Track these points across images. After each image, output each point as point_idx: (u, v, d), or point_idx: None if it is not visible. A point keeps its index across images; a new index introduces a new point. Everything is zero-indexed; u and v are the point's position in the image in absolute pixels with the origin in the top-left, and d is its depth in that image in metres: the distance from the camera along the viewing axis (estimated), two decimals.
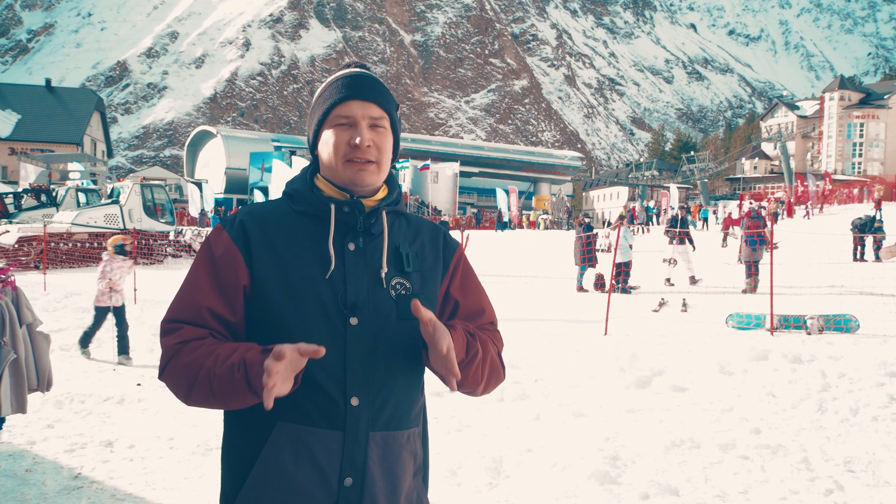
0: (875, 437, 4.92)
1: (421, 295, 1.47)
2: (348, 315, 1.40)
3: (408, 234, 1.54)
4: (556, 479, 4.17)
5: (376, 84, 1.49)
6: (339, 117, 1.45)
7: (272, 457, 1.38)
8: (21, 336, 4.22)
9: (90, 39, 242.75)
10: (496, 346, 1.56)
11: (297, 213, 1.47)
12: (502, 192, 46.08)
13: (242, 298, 1.42)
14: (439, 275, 1.54)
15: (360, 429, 1.40)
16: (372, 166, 1.45)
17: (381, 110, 1.47)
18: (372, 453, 1.41)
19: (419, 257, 1.52)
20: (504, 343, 1.62)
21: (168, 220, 24.07)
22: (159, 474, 4.39)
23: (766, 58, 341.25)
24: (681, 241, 15.02)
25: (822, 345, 8.14)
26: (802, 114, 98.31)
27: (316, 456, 1.38)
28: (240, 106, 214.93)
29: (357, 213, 1.46)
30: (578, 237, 15.31)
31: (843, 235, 17.06)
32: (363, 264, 1.44)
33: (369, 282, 1.44)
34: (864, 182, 61.41)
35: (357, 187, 1.46)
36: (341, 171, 1.45)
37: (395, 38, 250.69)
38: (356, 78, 1.48)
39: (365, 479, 1.39)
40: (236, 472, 1.43)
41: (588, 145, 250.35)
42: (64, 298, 13.07)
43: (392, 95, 1.53)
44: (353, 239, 1.45)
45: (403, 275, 1.48)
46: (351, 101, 1.45)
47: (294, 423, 1.38)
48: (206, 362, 1.33)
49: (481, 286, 1.64)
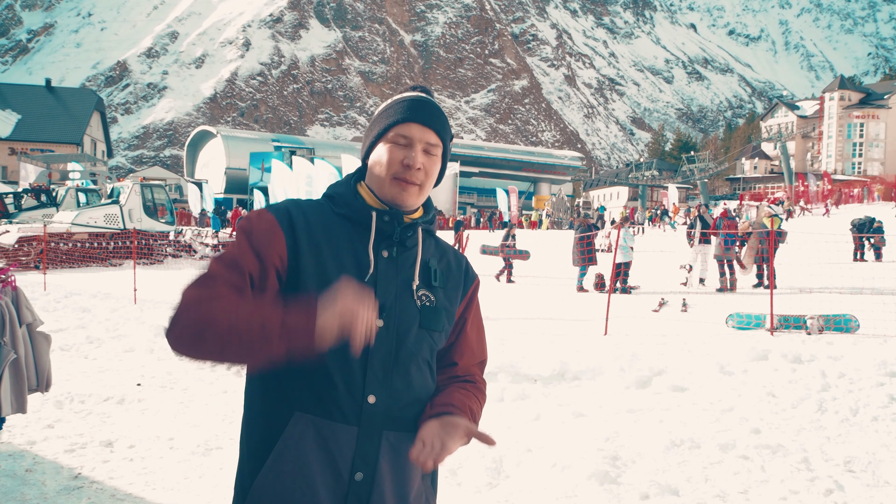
0: (875, 437, 4.92)
1: (443, 310, 1.56)
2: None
3: (436, 253, 1.62)
4: (556, 479, 4.17)
5: (439, 112, 1.56)
6: (398, 136, 1.51)
7: (289, 444, 1.42)
8: (21, 336, 4.22)
9: (90, 39, 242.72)
10: (481, 406, 1.64)
11: (338, 215, 1.53)
12: (502, 192, 46.11)
13: (275, 274, 1.43)
14: (459, 297, 1.63)
15: (375, 426, 1.45)
16: (415, 188, 1.52)
17: (438, 138, 1.54)
18: (384, 451, 1.45)
19: (445, 276, 1.60)
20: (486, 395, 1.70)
21: (168, 220, 24.07)
22: (159, 474, 4.39)
23: (766, 58, 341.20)
24: (706, 241, 14.95)
25: (822, 345, 8.14)
26: (802, 114, 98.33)
27: (330, 448, 1.42)
28: (240, 106, 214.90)
29: (396, 224, 1.52)
30: (579, 237, 15.30)
31: (844, 235, 17.06)
32: (394, 272, 1.51)
33: (398, 288, 1.51)
34: (864, 182, 61.43)
35: (398, 205, 1.53)
36: (387, 187, 1.52)
37: (395, 38, 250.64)
38: (423, 103, 1.55)
39: (375, 476, 1.44)
40: (254, 456, 1.47)
41: (588, 145, 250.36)
42: (64, 298, 13.07)
43: (449, 126, 1.59)
44: (387, 247, 1.52)
45: (430, 288, 1.56)
46: (412, 124, 1.51)
47: (312, 414, 1.42)
48: (239, 304, 1.31)
49: (482, 323, 1.74)
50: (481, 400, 1.65)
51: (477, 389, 1.65)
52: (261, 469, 1.44)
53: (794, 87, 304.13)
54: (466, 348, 1.67)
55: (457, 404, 1.54)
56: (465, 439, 1.47)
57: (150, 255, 21.96)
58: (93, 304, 12.37)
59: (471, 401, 1.60)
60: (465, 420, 1.49)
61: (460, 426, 1.46)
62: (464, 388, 1.62)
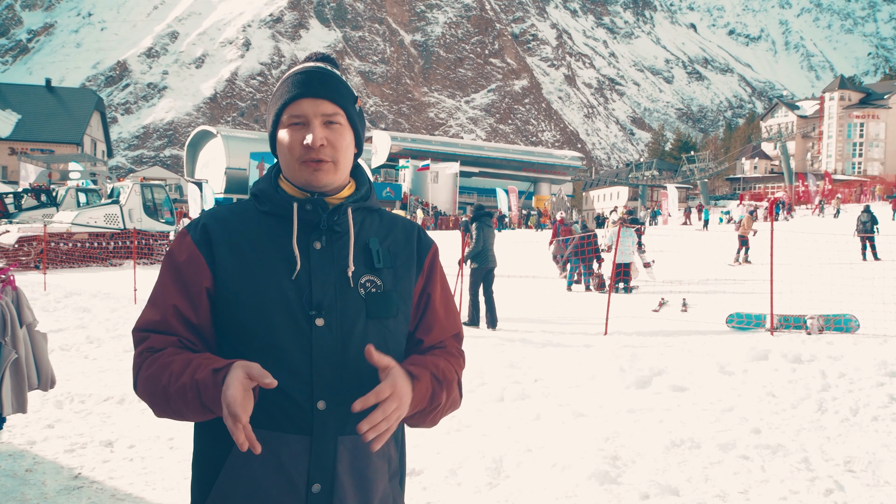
0: (875, 437, 4.92)
1: (393, 292, 1.44)
2: (314, 316, 1.37)
3: (380, 231, 1.49)
4: (556, 478, 4.17)
5: (329, 79, 1.43)
6: (291, 117, 1.41)
7: (238, 463, 1.35)
8: (21, 336, 4.22)
9: (90, 39, 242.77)
10: (458, 376, 1.51)
11: (263, 213, 1.44)
12: (502, 191, 46.09)
13: (207, 301, 1.39)
14: (413, 272, 1.49)
15: (328, 433, 1.35)
16: (328, 165, 1.41)
17: (335, 106, 1.42)
18: (341, 458, 1.36)
19: (391, 254, 1.47)
20: (465, 362, 1.58)
21: (168, 220, 24.07)
22: (159, 474, 4.39)
23: (766, 58, 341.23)
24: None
25: (822, 345, 8.13)
26: (802, 114, 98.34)
27: (283, 462, 1.34)
28: (240, 106, 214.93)
29: (320, 210, 1.41)
30: (559, 240, 15.74)
31: (844, 235, 17.07)
32: (329, 263, 1.40)
33: (336, 281, 1.39)
34: (865, 182, 61.45)
35: (315, 188, 1.42)
36: (297, 173, 1.41)
37: (395, 38, 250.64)
38: (307, 74, 1.42)
39: (334, 486, 1.35)
40: (203, 481, 1.41)
41: (588, 145, 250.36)
42: (64, 298, 13.08)
43: (349, 88, 1.47)
44: (317, 238, 1.41)
45: (373, 272, 1.44)
46: (302, 100, 1.40)
47: (260, 427, 1.32)
48: (162, 378, 1.31)
49: (451, 291, 1.61)
50: (453, 362, 1.50)
51: (447, 353, 1.51)
52: (209, 494, 1.38)
53: (794, 87, 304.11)
54: (435, 324, 1.52)
55: (425, 376, 1.39)
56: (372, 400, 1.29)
57: (150, 255, 21.98)
58: (93, 304, 12.38)
59: (437, 359, 1.46)
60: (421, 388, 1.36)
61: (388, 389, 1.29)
62: (430, 354, 1.48)
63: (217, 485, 1.37)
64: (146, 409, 5.94)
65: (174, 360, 1.32)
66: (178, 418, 1.35)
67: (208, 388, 1.26)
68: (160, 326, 1.38)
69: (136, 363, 1.38)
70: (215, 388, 1.25)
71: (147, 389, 1.34)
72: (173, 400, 1.30)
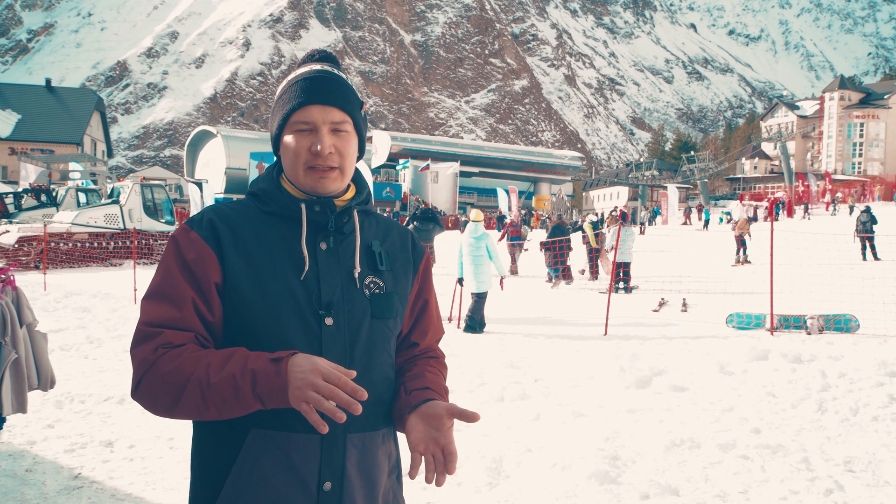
0: (875, 437, 4.92)
1: (394, 294, 1.47)
2: (323, 315, 1.38)
3: (378, 233, 1.52)
4: (556, 478, 4.17)
5: (337, 85, 1.43)
6: (298, 123, 1.40)
7: (249, 465, 1.34)
8: (21, 336, 4.22)
9: (90, 39, 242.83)
10: (446, 379, 1.60)
11: (266, 213, 1.43)
12: (502, 191, 46.05)
13: (218, 298, 1.37)
14: (410, 276, 1.54)
15: (338, 431, 1.36)
16: (334, 173, 1.41)
17: (344, 114, 1.42)
18: (350, 456, 1.38)
19: (391, 256, 1.51)
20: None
21: (168, 220, 24.06)
22: (159, 474, 4.39)
23: (766, 58, 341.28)
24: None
25: (822, 345, 8.13)
26: (802, 114, 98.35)
27: (294, 461, 1.34)
28: (240, 106, 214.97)
29: (328, 212, 1.43)
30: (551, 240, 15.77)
31: (844, 235, 17.07)
32: (336, 264, 1.42)
33: (343, 281, 1.42)
34: (865, 182, 61.46)
35: (320, 194, 1.43)
36: (303, 178, 1.41)
37: (395, 38, 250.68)
38: (316, 80, 1.41)
39: (343, 483, 1.37)
40: (209, 482, 1.38)
41: (588, 145, 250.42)
42: (64, 298, 13.08)
43: (355, 94, 1.47)
44: (324, 238, 1.43)
45: (377, 273, 1.47)
46: (311, 107, 1.39)
47: (270, 429, 1.33)
48: (196, 372, 1.26)
49: (437, 297, 1.68)
50: (446, 375, 1.60)
51: (441, 365, 1.59)
52: (218, 495, 1.36)
53: (794, 87, 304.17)
54: (430, 327, 1.59)
55: (433, 387, 1.45)
56: (450, 422, 1.36)
57: (150, 255, 21.96)
58: (93, 304, 12.37)
59: (441, 378, 1.53)
60: (442, 403, 1.40)
61: (442, 413, 1.36)
62: (430, 365, 1.54)
63: (225, 489, 1.35)
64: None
65: (207, 354, 1.28)
66: (204, 414, 1.28)
67: (269, 376, 1.23)
68: (178, 322, 1.33)
69: (149, 359, 1.29)
70: (277, 377, 1.22)
71: (165, 384, 1.27)
72: (214, 391, 1.24)
